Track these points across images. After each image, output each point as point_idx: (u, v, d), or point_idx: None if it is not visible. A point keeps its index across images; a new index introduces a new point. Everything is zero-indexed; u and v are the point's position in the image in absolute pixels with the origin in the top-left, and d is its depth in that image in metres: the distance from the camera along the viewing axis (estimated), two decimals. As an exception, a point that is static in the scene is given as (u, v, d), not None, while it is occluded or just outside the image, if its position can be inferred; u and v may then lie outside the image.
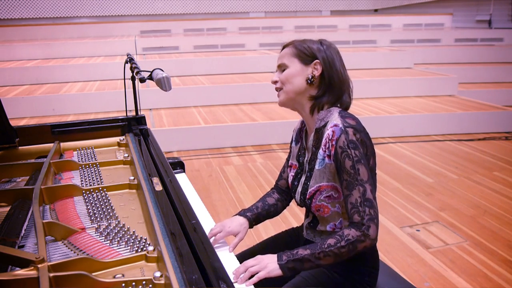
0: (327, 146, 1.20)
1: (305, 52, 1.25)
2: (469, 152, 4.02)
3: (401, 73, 5.90)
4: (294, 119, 4.39)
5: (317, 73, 1.24)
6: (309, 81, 1.24)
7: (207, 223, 1.38)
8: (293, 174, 1.37)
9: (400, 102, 5.15)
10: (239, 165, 3.76)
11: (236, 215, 1.39)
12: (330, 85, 1.24)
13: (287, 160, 1.45)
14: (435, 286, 2.11)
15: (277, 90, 1.31)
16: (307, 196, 1.27)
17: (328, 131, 1.20)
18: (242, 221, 1.36)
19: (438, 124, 4.57)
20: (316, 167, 1.24)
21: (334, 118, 1.22)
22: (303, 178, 1.33)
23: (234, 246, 1.29)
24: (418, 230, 2.63)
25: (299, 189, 1.33)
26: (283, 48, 1.32)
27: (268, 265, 1.13)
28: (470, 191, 3.17)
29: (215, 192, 3.20)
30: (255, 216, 1.40)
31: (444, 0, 9.09)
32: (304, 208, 1.41)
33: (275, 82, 1.30)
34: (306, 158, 1.33)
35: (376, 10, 10.20)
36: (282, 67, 1.29)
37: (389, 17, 9.04)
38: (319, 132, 1.26)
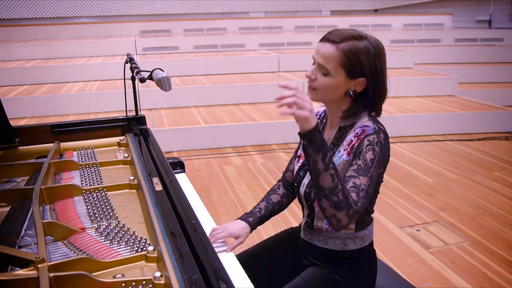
0: (351, 142, 1.16)
1: (355, 67, 1.14)
2: (469, 152, 4.02)
3: (401, 73, 5.90)
4: (294, 119, 4.38)
5: (358, 89, 1.17)
6: (348, 96, 1.18)
7: (207, 223, 1.38)
8: (300, 164, 1.34)
9: (400, 102, 5.15)
10: (239, 165, 3.76)
11: (238, 219, 1.38)
12: (368, 100, 1.19)
13: (296, 151, 1.43)
14: (435, 286, 2.11)
15: (309, 85, 1.21)
16: (313, 191, 1.22)
17: (356, 130, 1.17)
18: (244, 225, 1.36)
19: (438, 124, 4.57)
20: None
21: (363, 120, 1.19)
22: None
23: (232, 248, 1.28)
24: (418, 230, 2.63)
25: (305, 181, 1.29)
26: (327, 41, 1.15)
27: (311, 114, 1.01)
28: (470, 191, 3.17)
29: (215, 192, 3.20)
30: (258, 220, 1.39)
31: (444, 0, 9.09)
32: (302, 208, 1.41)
33: (310, 78, 1.20)
34: None
35: (376, 10, 10.20)
36: (323, 69, 1.16)
37: (389, 17, 9.04)
38: (343, 130, 1.23)
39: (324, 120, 1.34)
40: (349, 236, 1.26)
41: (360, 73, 1.14)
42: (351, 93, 1.17)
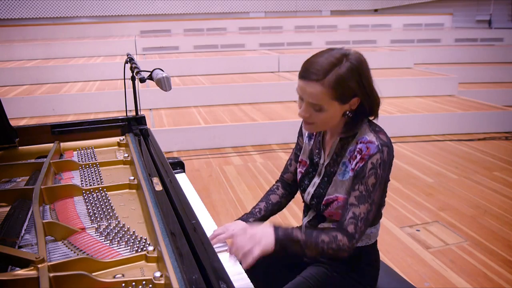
0: (356, 160, 1.17)
1: (345, 93, 1.13)
2: (469, 152, 4.02)
3: (401, 73, 5.90)
4: (294, 119, 4.39)
5: (354, 107, 1.18)
6: (345, 116, 1.18)
7: (207, 223, 1.38)
8: (303, 171, 1.35)
9: (400, 102, 5.15)
10: (239, 165, 3.76)
11: (238, 219, 1.39)
12: (365, 112, 1.20)
13: (295, 153, 1.43)
14: (435, 286, 2.11)
15: (306, 121, 1.20)
16: (323, 202, 1.25)
17: (359, 146, 1.17)
18: (244, 226, 1.36)
19: (438, 124, 4.57)
20: (339, 178, 1.21)
21: (364, 131, 1.19)
22: (316, 180, 1.30)
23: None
24: (418, 230, 2.63)
25: (310, 190, 1.30)
26: (309, 79, 1.13)
27: (262, 240, 1.10)
28: (470, 191, 3.17)
29: (215, 192, 3.20)
30: (258, 220, 1.39)
31: (444, 0, 9.09)
32: (302, 206, 1.41)
33: (305, 118, 1.19)
34: (322, 161, 1.29)
35: (376, 10, 10.20)
36: (315, 106, 1.15)
37: (389, 17, 9.04)
38: (345, 140, 1.23)
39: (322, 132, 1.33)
40: None
41: (352, 95, 1.15)
42: (349, 113, 1.18)
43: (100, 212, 1.20)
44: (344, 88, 1.12)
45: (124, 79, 1.92)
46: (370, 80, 1.18)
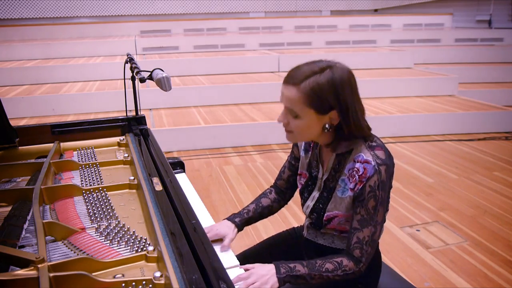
0: (354, 179, 1.15)
1: (321, 103, 1.10)
2: (469, 152, 4.02)
3: (401, 73, 5.90)
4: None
5: (335, 122, 1.13)
6: (325, 130, 1.15)
7: (207, 223, 1.38)
8: (303, 183, 1.34)
9: (400, 102, 5.15)
10: (239, 165, 3.76)
11: (225, 219, 1.38)
12: (349, 129, 1.14)
13: (289, 161, 1.43)
14: (435, 286, 2.11)
15: (285, 129, 1.20)
16: (324, 218, 1.24)
17: (356, 165, 1.14)
18: (230, 225, 1.35)
19: (438, 124, 4.57)
20: (339, 194, 1.20)
21: (360, 147, 1.16)
22: (315, 194, 1.29)
23: (224, 246, 1.28)
24: (418, 230, 2.63)
25: (310, 203, 1.30)
26: (287, 83, 1.14)
27: (269, 280, 1.12)
28: (470, 191, 3.17)
29: (215, 192, 3.20)
30: (245, 221, 1.39)
31: (444, 0, 9.08)
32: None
33: (282, 123, 1.19)
34: (320, 176, 1.28)
35: (376, 10, 10.20)
36: (291, 113, 1.15)
37: (389, 17, 9.04)
38: (341, 156, 1.21)
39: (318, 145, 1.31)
40: None
41: (329, 107, 1.11)
42: (328, 128, 1.14)
43: (100, 212, 1.20)
44: (320, 97, 1.09)
45: (124, 79, 1.92)
46: (352, 98, 1.12)
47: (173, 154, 4.02)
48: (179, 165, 1.84)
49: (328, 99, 1.10)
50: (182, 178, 1.74)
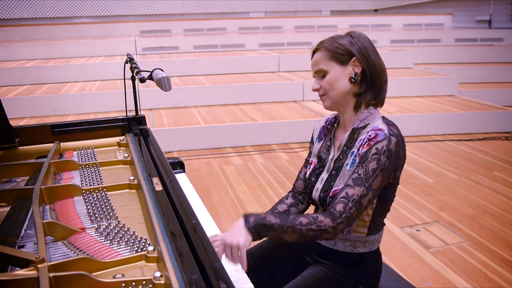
0: (363, 144, 1.17)
1: (340, 52, 1.21)
2: (469, 152, 4.02)
3: (401, 73, 5.90)
4: (294, 119, 4.39)
5: (358, 70, 1.21)
6: (353, 80, 1.21)
7: (207, 223, 1.39)
8: (311, 170, 1.35)
9: (400, 102, 5.15)
10: (239, 165, 3.76)
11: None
12: (372, 79, 1.22)
13: (306, 160, 1.43)
14: (435, 286, 2.11)
15: (320, 96, 1.28)
16: (330, 194, 1.23)
17: (369, 132, 1.17)
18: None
19: (438, 124, 4.57)
20: (347, 167, 1.20)
21: (377, 122, 1.20)
22: (324, 175, 1.29)
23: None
24: (418, 230, 2.63)
25: (319, 185, 1.29)
26: (313, 53, 1.28)
27: (239, 233, 1.08)
28: (470, 191, 3.17)
29: (215, 192, 3.20)
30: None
31: (444, 0, 9.08)
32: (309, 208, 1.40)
33: (316, 90, 1.27)
34: (331, 156, 1.29)
35: (376, 10, 10.20)
36: (320, 73, 1.25)
37: (389, 17, 9.04)
38: (356, 132, 1.24)
39: (329, 127, 1.36)
40: (360, 239, 1.26)
41: (349, 55, 1.21)
42: (354, 77, 1.21)
43: (100, 212, 1.20)
44: (337, 47, 1.22)
45: (124, 79, 1.92)
46: (368, 49, 1.22)
47: (173, 154, 4.02)
48: (179, 165, 1.84)
49: (345, 46, 1.21)
50: (182, 178, 1.74)
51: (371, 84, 1.22)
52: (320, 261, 1.32)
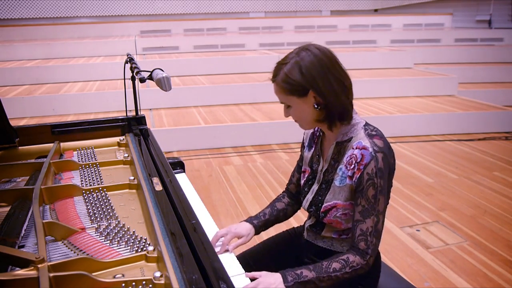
0: (352, 167, 1.16)
1: (296, 89, 1.16)
2: (469, 152, 4.02)
3: (401, 73, 5.90)
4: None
5: (319, 99, 1.17)
6: (317, 108, 1.18)
7: (207, 223, 1.38)
8: (305, 180, 1.36)
9: (400, 102, 5.15)
10: (239, 165, 3.76)
11: (243, 221, 1.39)
12: (334, 101, 1.16)
13: (297, 164, 1.44)
14: (435, 286, 2.11)
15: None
16: (321, 210, 1.25)
17: (355, 152, 1.16)
18: (248, 226, 1.36)
19: (438, 124, 4.57)
20: (336, 183, 1.21)
21: (360, 135, 1.18)
22: (315, 187, 1.30)
23: (235, 247, 1.28)
24: (418, 230, 2.63)
25: (309, 197, 1.31)
26: (272, 81, 1.22)
27: None
28: (470, 191, 3.17)
29: (215, 192, 3.20)
30: (262, 223, 1.40)
31: (444, 0, 9.08)
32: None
33: (288, 116, 1.26)
34: (320, 168, 1.30)
35: (376, 10, 10.20)
36: (285, 104, 1.23)
37: (389, 17, 9.04)
38: (341, 145, 1.23)
39: (318, 134, 1.35)
40: None
41: (304, 89, 1.15)
42: (317, 106, 1.17)
43: (100, 212, 1.20)
44: (291, 84, 1.15)
45: (124, 79, 1.92)
46: (322, 75, 1.14)
47: (173, 154, 4.02)
48: (179, 165, 1.84)
49: (299, 82, 1.15)
50: (182, 178, 1.74)
51: (334, 105, 1.17)
52: (318, 261, 1.31)
